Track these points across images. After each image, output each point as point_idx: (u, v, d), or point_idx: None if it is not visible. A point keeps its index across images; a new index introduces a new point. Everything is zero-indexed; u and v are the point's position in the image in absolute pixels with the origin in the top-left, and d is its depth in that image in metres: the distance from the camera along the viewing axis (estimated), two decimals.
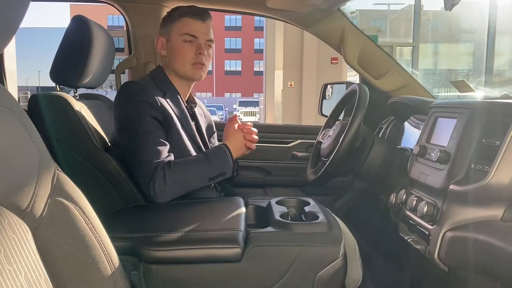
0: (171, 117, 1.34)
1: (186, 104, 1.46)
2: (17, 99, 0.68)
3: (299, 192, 2.03)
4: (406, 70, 1.87)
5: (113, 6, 1.89)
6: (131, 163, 1.29)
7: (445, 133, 1.15)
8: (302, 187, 2.05)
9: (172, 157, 1.28)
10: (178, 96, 1.43)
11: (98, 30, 1.40)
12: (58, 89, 1.44)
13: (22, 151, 0.61)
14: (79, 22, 1.36)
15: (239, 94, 52.99)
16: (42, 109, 1.27)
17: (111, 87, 12.24)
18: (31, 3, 0.57)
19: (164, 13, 1.56)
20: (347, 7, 2.23)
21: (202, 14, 1.40)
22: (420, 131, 1.31)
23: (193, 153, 1.37)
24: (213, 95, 50.40)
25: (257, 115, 18.48)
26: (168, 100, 1.37)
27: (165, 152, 1.27)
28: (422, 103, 1.48)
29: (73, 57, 1.35)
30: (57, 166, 0.71)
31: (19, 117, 0.62)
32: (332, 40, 1.91)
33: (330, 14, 1.83)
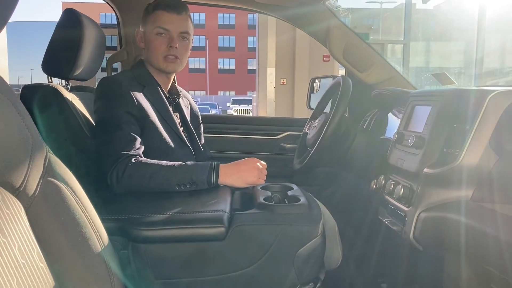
0: (149, 111, 1.34)
1: (168, 96, 1.47)
2: None
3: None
4: (389, 63, 1.92)
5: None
6: (98, 154, 1.28)
7: (421, 120, 1.20)
8: (290, 178, 2.09)
9: (141, 151, 1.27)
10: (158, 88, 1.43)
11: (88, 23, 1.43)
12: (50, 80, 1.47)
13: (15, 133, 0.65)
14: (70, 15, 1.40)
15: (232, 93, 52.92)
16: (34, 100, 1.29)
17: None
18: None
19: None
20: (332, 2, 2.28)
21: (175, 6, 1.38)
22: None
23: (173, 145, 1.37)
24: (206, 94, 50.17)
25: (250, 113, 18.51)
26: (147, 93, 1.38)
27: (133, 146, 1.24)
28: (403, 94, 1.53)
29: (65, 49, 1.38)
30: (49, 149, 0.75)
31: (12, 101, 0.65)
32: (319, 34, 1.95)
33: (316, 9, 1.87)
